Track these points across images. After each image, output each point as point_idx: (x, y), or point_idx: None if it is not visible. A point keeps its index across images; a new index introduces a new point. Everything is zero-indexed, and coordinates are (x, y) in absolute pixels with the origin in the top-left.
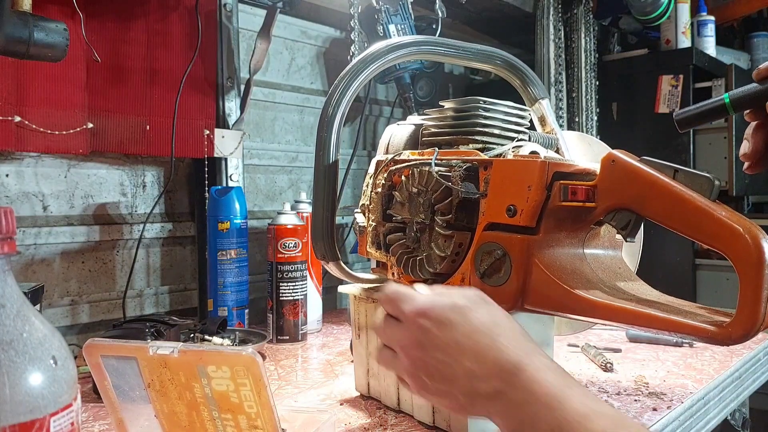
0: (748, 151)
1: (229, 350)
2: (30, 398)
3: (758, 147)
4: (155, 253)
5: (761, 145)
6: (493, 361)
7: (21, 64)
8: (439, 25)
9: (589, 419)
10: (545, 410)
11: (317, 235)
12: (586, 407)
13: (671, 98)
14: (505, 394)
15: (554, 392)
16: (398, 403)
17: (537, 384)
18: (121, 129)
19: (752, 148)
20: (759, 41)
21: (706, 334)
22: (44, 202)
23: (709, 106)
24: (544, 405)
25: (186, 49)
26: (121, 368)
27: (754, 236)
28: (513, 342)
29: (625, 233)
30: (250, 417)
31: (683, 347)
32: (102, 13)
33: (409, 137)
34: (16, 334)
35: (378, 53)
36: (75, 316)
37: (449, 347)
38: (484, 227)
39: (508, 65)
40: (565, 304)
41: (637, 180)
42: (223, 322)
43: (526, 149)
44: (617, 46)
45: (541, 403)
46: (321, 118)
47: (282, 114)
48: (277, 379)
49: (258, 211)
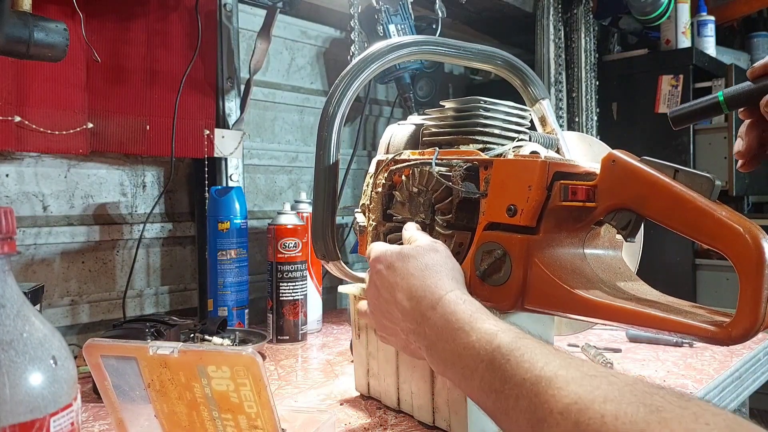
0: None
1: (229, 350)
2: (30, 398)
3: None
4: (155, 253)
5: (755, 142)
6: (418, 298)
7: (21, 64)
8: (439, 25)
9: (496, 335)
10: (458, 334)
11: (317, 235)
12: (496, 326)
13: (671, 98)
14: (425, 325)
15: (467, 318)
16: (398, 403)
17: (451, 313)
18: (121, 129)
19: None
20: (759, 41)
21: (706, 334)
22: (44, 202)
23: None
24: (457, 329)
25: (186, 49)
26: (121, 368)
27: (754, 236)
28: (440, 282)
29: (626, 233)
30: (250, 417)
31: (683, 347)
32: (102, 13)
33: (409, 137)
34: (16, 334)
35: (378, 53)
36: (75, 316)
37: (391, 287)
38: (484, 227)
39: (508, 65)
40: (565, 303)
41: (637, 180)
42: (223, 322)
43: (527, 149)
44: (617, 46)
45: (454, 329)
46: (322, 117)
47: (282, 114)
48: (277, 379)
49: (258, 211)
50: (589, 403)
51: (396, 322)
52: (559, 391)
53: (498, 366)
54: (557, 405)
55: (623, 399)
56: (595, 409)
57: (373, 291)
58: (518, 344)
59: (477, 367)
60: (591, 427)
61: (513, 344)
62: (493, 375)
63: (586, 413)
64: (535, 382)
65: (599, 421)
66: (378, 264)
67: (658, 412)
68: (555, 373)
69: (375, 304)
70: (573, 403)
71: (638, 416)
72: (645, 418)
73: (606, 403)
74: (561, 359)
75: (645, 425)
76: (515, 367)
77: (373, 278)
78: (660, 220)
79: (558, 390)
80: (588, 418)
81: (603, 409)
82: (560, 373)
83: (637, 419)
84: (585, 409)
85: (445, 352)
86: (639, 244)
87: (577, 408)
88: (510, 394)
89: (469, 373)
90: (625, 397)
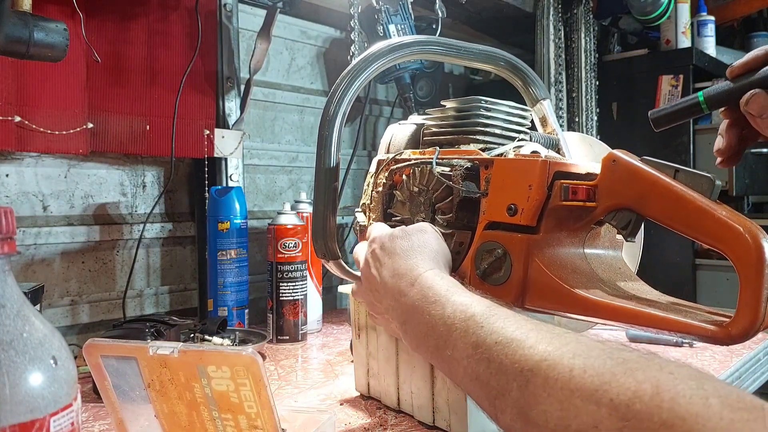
0: (722, 146)
1: (229, 350)
2: (30, 398)
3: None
4: (155, 253)
5: (735, 140)
6: (399, 275)
7: (21, 64)
8: (439, 25)
9: (470, 306)
10: (434, 306)
11: (318, 235)
12: (471, 298)
13: (671, 98)
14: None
15: (442, 292)
16: (398, 403)
17: (428, 288)
18: (121, 129)
19: (726, 143)
20: (759, 41)
21: (706, 333)
22: (44, 202)
23: (684, 104)
24: (433, 302)
25: (186, 49)
26: (121, 368)
27: (754, 236)
28: (422, 262)
29: (626, 233)
30: (250, 417)
31: (683, 347)
32: (102, 13)
33: (410, 137)
34: (16, 334)
35: (379, 53)
36: (75, 316)
37: (380, 266)
38: (484, 226)
39: (509, 65)
40: (566, 303)
41: (637, 180)
42: (223, 322)
43: (528, 149)
44: (617, 46)
45: (430, 302)
46: (322, 117)
47: (282, 114)
48: (277, 379)
49: (258, 211)
50: (558, 359)
51: (380, 297)
52: (529, 350)
53: (471, 333)
54: (527, 363)
55: (591, 354)
56: (564, 363)
57: (367, 270)
58: (491, 312)
59: (450, 335)
60: (559, 381)
61: (486, 312)
62: (465, 342)
63: (555, 368)
64: (506, 344)
65: (567, 375)
66: (373, 244)
67: (624, 363)
68: (525, 335)
69: (367, 283)
70: (542, 360)
71: (605, 368)
72: (611, 369)
73: (574, 358)
74: (532, 324)
75: (611, 376)
76: (488, 332)
77: (368, 257)
78: (660, 220)
79: (528, 349)
80: (557, 373)
81: (571, 364)
82: (530, 335)
83: (603, 371)
84: (554, 364)
85: (420, 325)
86: (639, 244)
87: (547, 364)
88: (482, 358)
89: (443, 343)
90: (593, 352)
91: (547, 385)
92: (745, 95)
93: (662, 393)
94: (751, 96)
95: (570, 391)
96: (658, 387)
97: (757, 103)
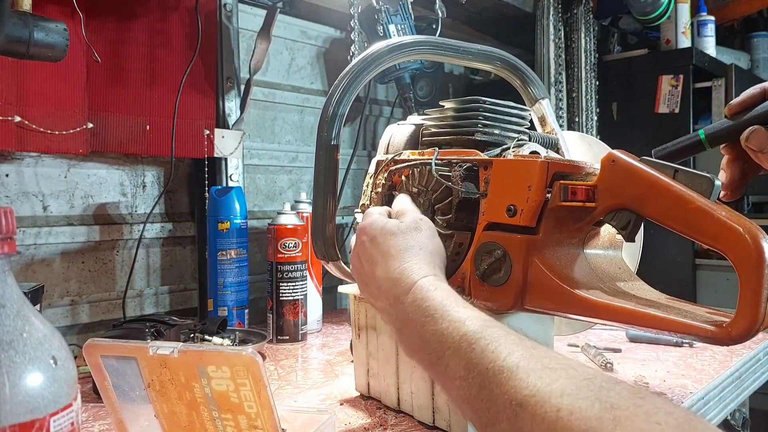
0: (725, 181)
1: (229, 350)
2: (30, 398)
3: (734, 177)
4: (155, 253)
5: (737, 174)
6: (393, 280)
7: (21, 64)
8: (439, 25)
9: (463, 323)
10: (427, 320)
11: (317, 235)
12: (465, 314)
13: (671, 98)
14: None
15: (436, 305)
16: (398, 403)
17: (422, 300)
18: (121, 129)
19: (729, 178)
20: (759, 41)
21: (706, 334)
22: (44, 202)
23: (686, 142)
24: (427, 316)
25: (186, 49)
26: (121, 368)
27: (754, 236)
28: (416, 266)
29: (625, 233)
30: (250, 417)
31: (683, 347)
32: (102, 13)
33: (409, 137)
34: (16, 334)
35: (379, 53)
36: (75, 316)
37: (372, 262)
38: (484, 227)
39: (508, 65)
40: (565, 303)
41: (637, 180)
42: (223, 322)
43: (527, 149)
44: (617, 46)
45: (424, 315)
46: (321, 118)
47: (282, 114)
48: (277, 379)
49: (258, 211)
50: (546, 396)
51: (375, 296)
52: (519, 383)
53: (463, 354)
54: (516, 396)
55: (579, 394)
56: (552, 402)
57: (357, 260)
58: (484, 333)
59: (443, 353)
60: (546, 420)
61: (479, 333)
62: (458, 362)
63: (543, 406)
64: (497, 372)
65: (555, 415)
66: (363, 235)
67: (612, 409)
68: (516, 364)
69: (358, 273)
70: (531, 396)
71: (592, 412)
72: (598, 415)
73: (562, 397)
74: (524, 350)
75: (598, 422)
76: (480, 355)
77: (357, 248)
78: (660, 220)
79: (519, 381)
80: (544, 412)
81: (559, 403)
82: (521, 364)
83: (590, 415)
84: (542, 402)
85: (414, 337)
86: (639, 244)
87: (535, 401)
88: (473, 383)
89: (436, 359)
90: (581, 392)
91: (534, 422)
92: (745, 132)
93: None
94: (750, 132)
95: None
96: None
97: (758, 139)
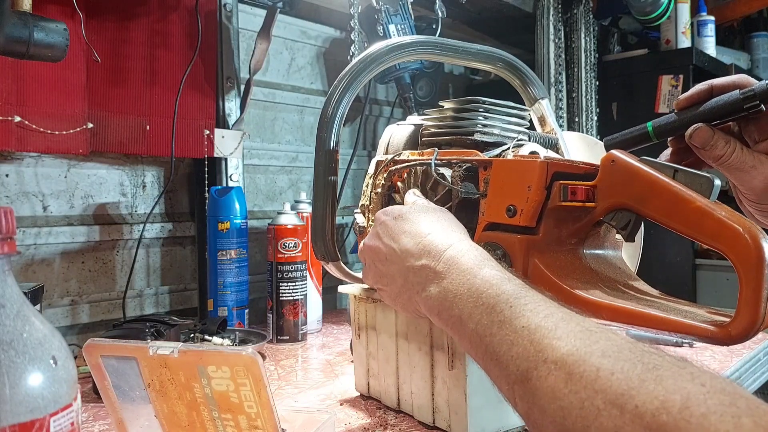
0: None
1: (229, 350)
2: (30, 398)
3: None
4: (155, 253)
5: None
6: (425, 243)
7: (21, 64)
8: (439, 25)
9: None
10: (462, 276)
11: (317, 236)
12: (502, 274)
13: (671, 98)
14: (431, 267)
15: (471, 263)
16: (398, 403)
17: (457, 258)
18: (121, 129)
19: None
20: (759, 41)
21: (706, 334)
22: (44, 202)
23: (635, 133)
24: (462, 272)
25: (186, 49)
26: (121, 368)
27: (754, 236)
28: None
29: (625, 233)
30: (250, 417)
31: (683, 347)
32: (102, 13)
33: (408, 137)
34: (16, 334)
35: (378, 53)
36: (75, 316)
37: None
38: (483, 227)
39: (507, 65)
40: (565, 303)
41: (637, 180)
42: (223, 322)
43: (526, 149)
44: (617, 46)
45: (459, 271)
46: (321, 118)
47: (282, 114)
48: (277, 379)
49: (258, 211)
50: (586, 356)
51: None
52: (557, 341)
53: (498, 312)
54: (553, 354)
55: (621, 355)
56: (591, 362)
57: (374, 242)
58: (522, 293)
59: (475, 310)
60: (584, 379)
61: (517, 293)
62: (491, 319)
63: (582, 365)
64: (533, 330)
65: (594, 374)
66: (384, 216)
67: (654, 369)
68: (555, 324)
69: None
70: (569, 354)
71: (634, 372)
72: (640, 375)
73: (603, 357)
74: (563, 313)
75: (639, 381)
76: (516, 315)
77: (376, 228)
78: (660, 220)
79: (556, 340)
80: (582, 371)
81: (599, 363)
82: (561, 325)
83: (632, 375)
84: (581, 361)
85: (444, 292)
86: (639, 244)
87: (573, 360)
88: (504, 340)
89: (467, 316)
90: (623, 353)
91: (570, 380)
92: (689, 129)
93: (692, 407)
94: (694, 130)
95: (594, 391)
96: (688, 399)
97: (700, 137)
